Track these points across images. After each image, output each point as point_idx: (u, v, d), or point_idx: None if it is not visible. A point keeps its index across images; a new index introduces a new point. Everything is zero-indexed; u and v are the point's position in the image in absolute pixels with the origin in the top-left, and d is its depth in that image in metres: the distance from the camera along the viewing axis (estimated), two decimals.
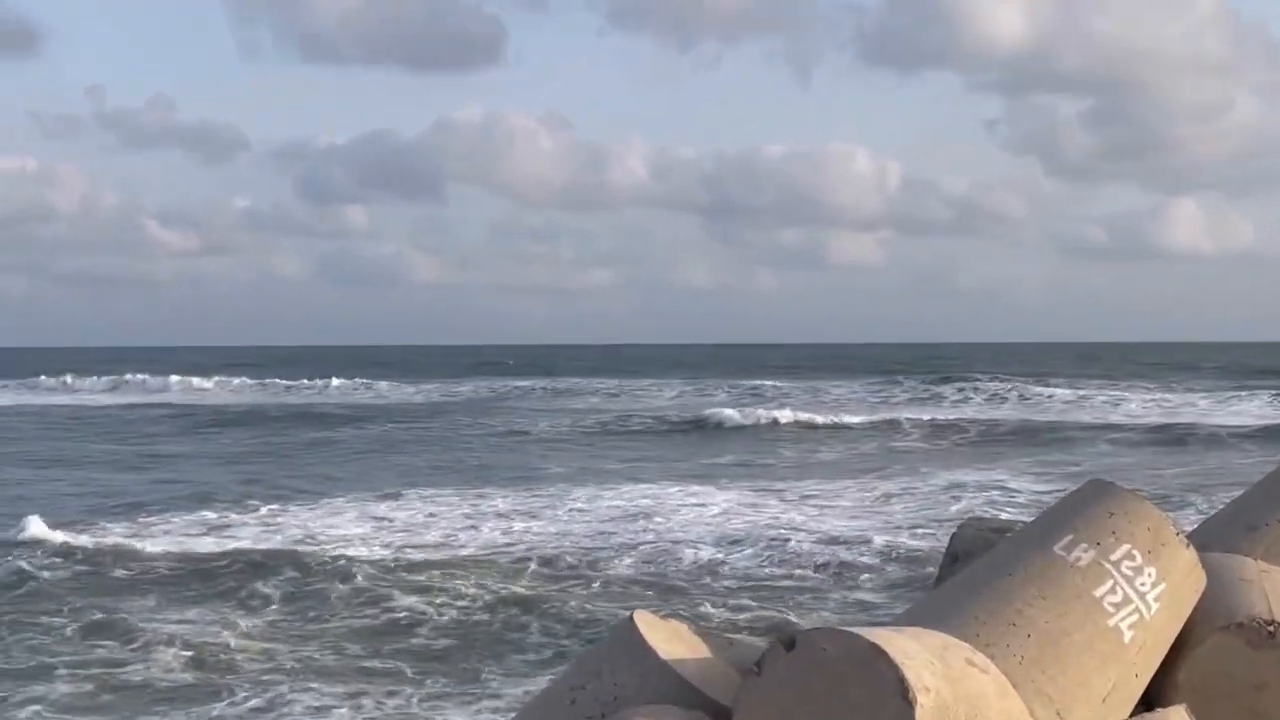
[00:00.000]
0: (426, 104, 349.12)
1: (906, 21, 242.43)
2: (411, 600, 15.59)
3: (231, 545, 20.02)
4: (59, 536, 20.27)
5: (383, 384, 76.88)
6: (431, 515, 23.21)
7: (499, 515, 22.96)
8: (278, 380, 79.20)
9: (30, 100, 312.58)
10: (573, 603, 15.82)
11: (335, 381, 75.58)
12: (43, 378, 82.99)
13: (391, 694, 12.24)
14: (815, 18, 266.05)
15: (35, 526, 20.44)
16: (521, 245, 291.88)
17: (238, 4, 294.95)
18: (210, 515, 23.06)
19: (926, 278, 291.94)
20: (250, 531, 21.42)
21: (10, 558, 18.39)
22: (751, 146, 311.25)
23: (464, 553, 19.30)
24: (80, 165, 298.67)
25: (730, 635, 4.54)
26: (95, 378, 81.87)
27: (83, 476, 31.33)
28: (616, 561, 18.48)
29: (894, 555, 18.51)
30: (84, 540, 20.54)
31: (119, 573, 17.79)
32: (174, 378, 79.23)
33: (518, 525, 21.93)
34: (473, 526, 21.73)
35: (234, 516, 23.04)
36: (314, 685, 12.46)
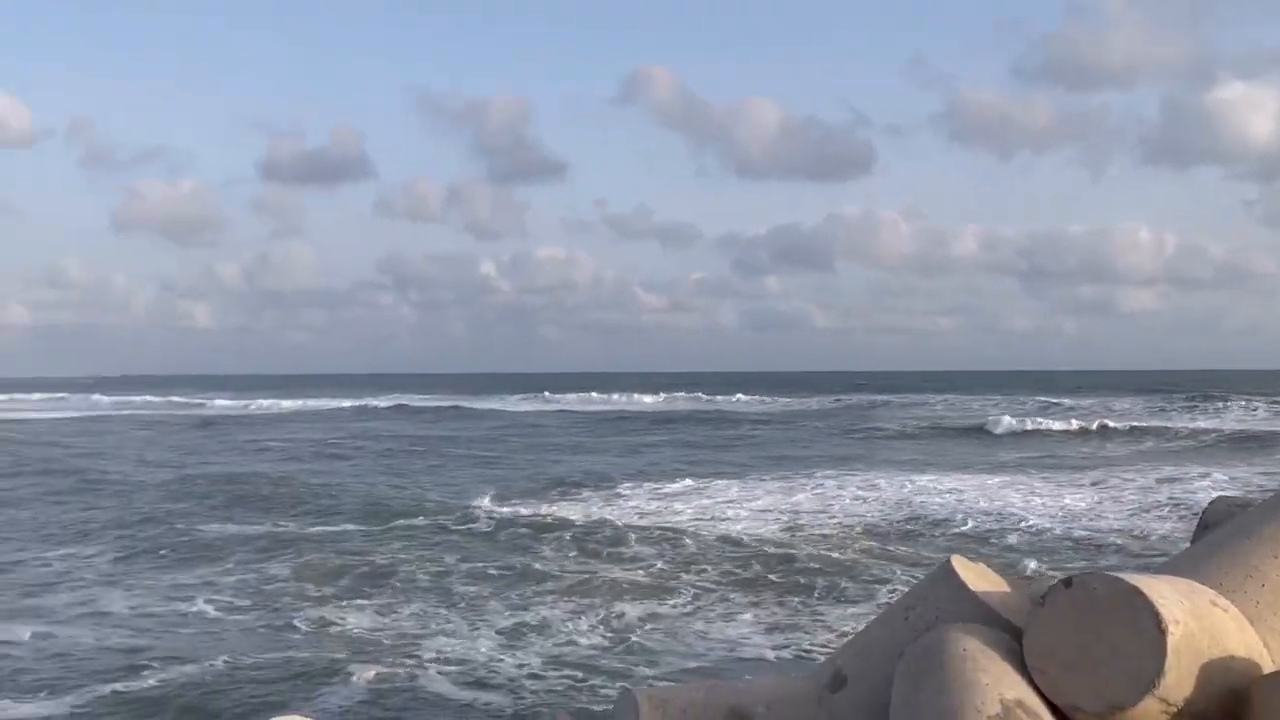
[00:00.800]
0: (820, 204, 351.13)
1: (1179, 128, 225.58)
2: (798, 544, 15.53)
3: (680, 506, 20.53)
4: (582, 497, 21.35)
5: (783, 399, 77.02)
6: (804, 484, 23.09)
7: (861, 487, 22.58)
8: (700, 395, 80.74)
9: (561, 210, 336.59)
10: (909, 549, 15.42)
11: (739, 396, 76.60)
12: (546, 394, 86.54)
13: (782, 603, 12.26)
14: (1106, 129, 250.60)
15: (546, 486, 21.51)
16: (887, 301, 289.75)
17: (694, 138, 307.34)
18: (674, 486, 23.68)
19: (1195, 322, 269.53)
20: (688, 499, 21.83)
21: (524, 512, 19.37)
22: (1057, 226, 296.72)
23: (835, 515, 19.06)
24: (591, 253, 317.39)
25: (1024, 576, 4.33)
26: (576, 394, 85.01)
27: (591, 459, 32.78)
28: (944, 522, 17.86)
29: (1158, 523, 17.23)
30: (588, 497, 21.57)
31: (658, 522, 18.48)
32: (614, 395, 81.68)
33: (871, 494, 21.52)
34: (840, 496, 21.42)
35: (668, 486, 23.56)
36: (731, 595, 12.62)
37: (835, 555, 14.76)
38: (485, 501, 20.51)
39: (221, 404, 77.24)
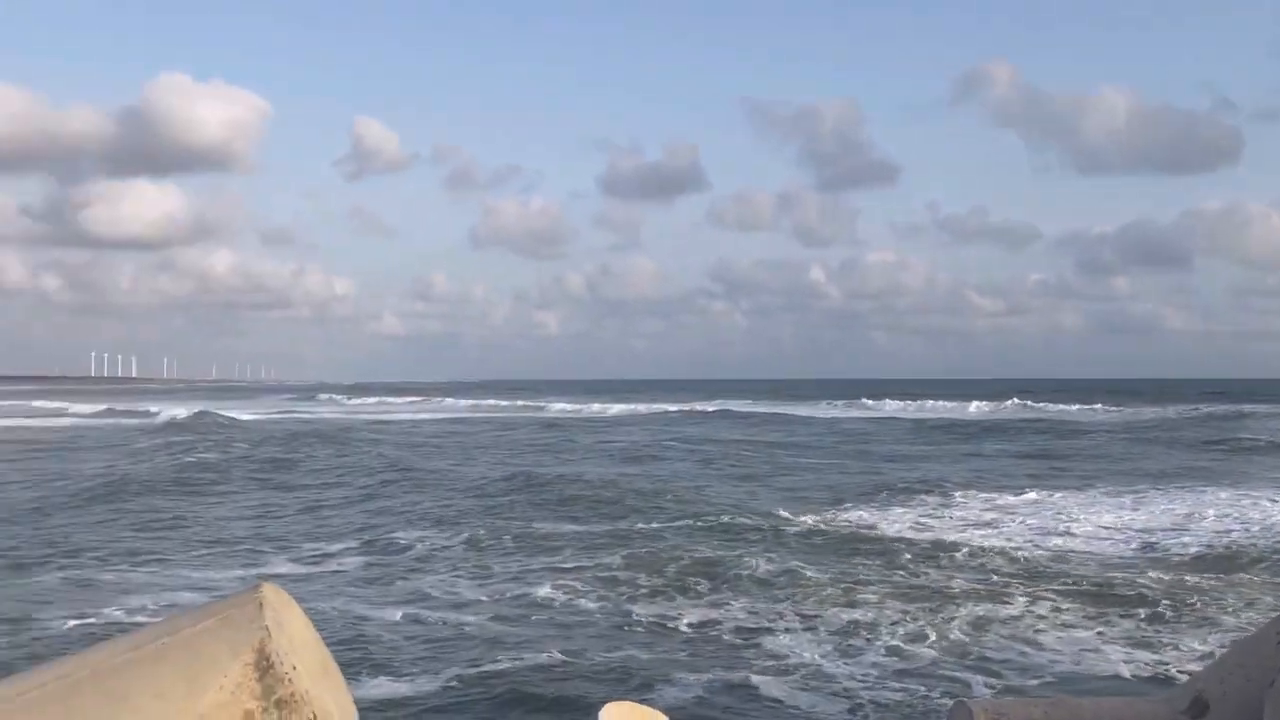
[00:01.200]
0: (1175, 198, 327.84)
1: None
2: (1148, 564, 14.52)
3: (1017, 517, 19.65)
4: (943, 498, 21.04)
5: (1129, 408, 71.99)
6: (1157, 499, 21.47)
7: (1223, 505, 20.64)
8: (1028, 402, 76.65)
9: (890, 214, 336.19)
10: None
11: (1076, 405, 72.64)
12: (865, 400, 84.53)
13: (1129, 616, 11.61)
14: None
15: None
16: (1256, 301, 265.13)
17: (1033, 133, 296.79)
18: (1010, 497, 22.69)
19: None
20: (1026, 510, 20.88)
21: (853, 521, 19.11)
22: None
23: (1193, 534, 17.57)
24: (922, 256, 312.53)
25: None
26: (900, 400, 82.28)
27: (923, 466, 32.02)
28: None
29: None
30: (919, 504, 21.10)
31: (940, 530, 18.00)
32: (940, 401, 79.01)
33: (1236, 512, 19.63)
34: (1199, 514, 19.66)
35: (1004, 497, 22.51)
36: (1071, 608, 12.04)
37: (1190, 578, 13.67)
38: (812, 505, 20.51)
39: (560, 407, 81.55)
